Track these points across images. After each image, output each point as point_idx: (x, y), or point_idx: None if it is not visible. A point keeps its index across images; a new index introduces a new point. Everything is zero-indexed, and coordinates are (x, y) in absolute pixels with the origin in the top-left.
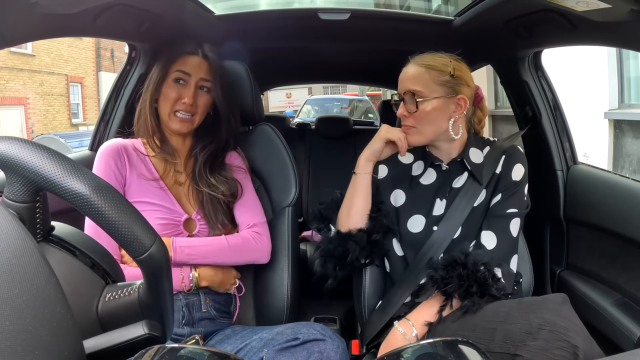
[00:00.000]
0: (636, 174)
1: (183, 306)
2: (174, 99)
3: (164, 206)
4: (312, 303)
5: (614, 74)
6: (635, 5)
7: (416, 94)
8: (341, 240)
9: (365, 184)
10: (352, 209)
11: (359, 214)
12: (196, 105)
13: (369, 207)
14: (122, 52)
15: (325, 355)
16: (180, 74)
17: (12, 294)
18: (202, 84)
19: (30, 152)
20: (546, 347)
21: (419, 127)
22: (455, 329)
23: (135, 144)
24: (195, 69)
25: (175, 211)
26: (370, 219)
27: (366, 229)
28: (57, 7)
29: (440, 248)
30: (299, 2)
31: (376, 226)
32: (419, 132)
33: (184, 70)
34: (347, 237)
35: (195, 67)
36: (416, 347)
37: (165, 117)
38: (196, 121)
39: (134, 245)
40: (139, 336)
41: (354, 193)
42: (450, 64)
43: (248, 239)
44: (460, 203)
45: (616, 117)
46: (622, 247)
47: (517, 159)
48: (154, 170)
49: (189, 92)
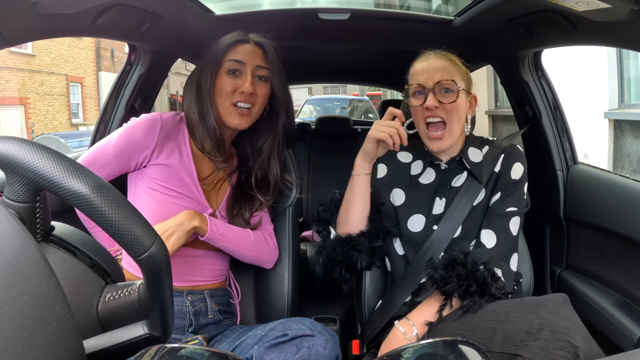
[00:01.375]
0: (636, 174)
1: (190, 314)
2: (230, 91)
3: (192, 198)
4: (312, 303)
5: (614, 74)
6: (635, 5)
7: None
8: (342, 246)
9: (363, 185)
10: (351, 211)
11: (358, 216)
12: (255, 94)
13: (368, 208)
14: (122, 52)
15: (313, 350)
16: (234, 63)
17: (12, 293)
18: (258, 73)
19: (31, 152)
20: (547, 347)
21: (450, 122)
22: (456, 329)
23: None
24: (250, 57)
25: (202, 204)
26: (370, 221)
27: (366, 232)
28: (57, 7)
29: (441, 247)
30: (301, 2)
31: (376, 229)
32: (450, 132)
33: (238, 59)
34: (347, 243)
35: (249, 54)
36: (416, 347)
37: (223, 113)
38: (255, 113)
39: (134, 245)
40: (139, 336)
41: (351, 195)
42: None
43: (268, 241)
44: (460, 202)
45: (616, 117)
46: (622, 247)
47: (517, 157)
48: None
49: (245, 80)
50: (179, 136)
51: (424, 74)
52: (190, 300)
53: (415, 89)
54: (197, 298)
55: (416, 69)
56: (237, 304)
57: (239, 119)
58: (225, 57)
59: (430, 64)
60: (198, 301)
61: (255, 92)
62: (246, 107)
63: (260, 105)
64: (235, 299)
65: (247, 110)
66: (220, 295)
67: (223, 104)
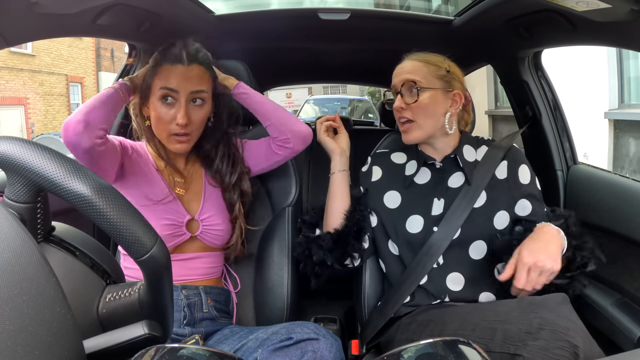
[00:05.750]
0: (636, 174)
1: (185, 306)
2: (166, 121)
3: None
4: (312, 303)
5: (614, 74)
6: (635, 5)
7: (416, 83)
8: (308, 244)
9: (338, 183)
10: (330, 209)
11: (336, 214)
12: (191, 122)
13: (346, 205)
14: (122, 52)
15: (319, 354)
16: (166, 91)
17: (13, 294)
18: (194, 97)
19: (32, 153)
20: (546, 347)
21: (418, 120)
22: (456, 329)
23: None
24: (183, 83)
25: (178, 212)
26: (345, 218)
27: (339, 230)
28: (57, 7)
29: (440, 250)
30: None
31: (348, 226)
32: (419, 127)
33: (170, 86)
34: (313, 241)
35: (182, 80)
36: (416, 347)
37: (162, 139)
38: (195, 137)
39: (135, 246)
40: (139, 336)
41: (330, 194)
42: (445, 61)
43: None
44: (460, 204)
45: (616, 117)
46: (622, 247)
47: (519, 160)
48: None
49: (180, 110)
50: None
51: (395, 76)
52: (184, 294)
53: (390, 92)
54: (192, 292)
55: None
56: (235, 295)
57: (179, 145)
58: (156, 83)
59: (401, 66)
60: (192, 295)
61: (190, 120)
62: (184, 134)
63: (200, 128)
64: (232, 292)
65: (185, 138)
66: (216, 293)
67: (160, 134)
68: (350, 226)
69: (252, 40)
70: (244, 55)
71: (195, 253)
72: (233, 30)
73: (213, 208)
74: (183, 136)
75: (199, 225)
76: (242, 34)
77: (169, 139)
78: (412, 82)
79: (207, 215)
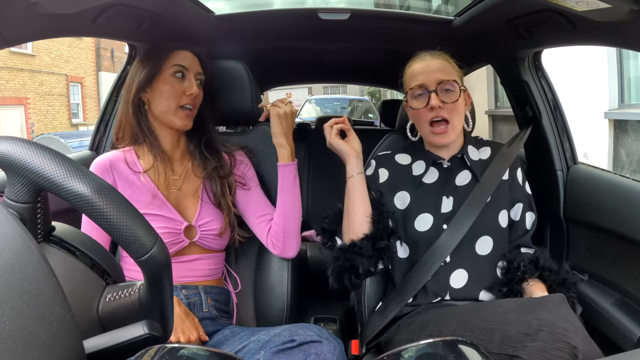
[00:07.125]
0: (636, 174)
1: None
2: (178, 94)
3: (163, 215)
4: (312, 303)
5: (614, 74)
6: (635, 5)
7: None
8: (346, 255)
9: (357, 186)
10: (351, 214)
11: (359, 218)
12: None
13: (368, 209)
14: (122, 52)
15: (322, 357)
16: (179, 67)
17: (13, 294)
18: (198, 78)
19: (32, 153)
20: (545, 348)
21: (453, 120)
22: (454, 330)
23: (128, 157)
24: (192, 63)
25: (175, 219)
26: (374, 222)
27: (369, 234)
28: (57, 7)
29: (449, 249)
30: (301, 2)
31: (379, 230)
32: (453, 127)
33: (182, 64)
34: (351, 250)
35: (191, 61)
36: (416, 347)
37: (167, 114)
38: (194, 115)
39: (135, 246)
40: (139, 336)
41: (349, 198)
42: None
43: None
44: (470, 204)
45: (616, 117)
46: (622, 247)
47: (517, 163)
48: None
49: (191, 84)
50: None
51: (422, 75)
52: (184, 294)
53: (417, 91)
54: (192, 292)
55: (414, 71)
56: (234, 295)
57: (185, 119)
58: (169, 62)
59: (428, 64)
60: (192, 295)
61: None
62: (190, 109)
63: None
64: (232, 292)
65: (190, 112)
66: (217, 293)
67: (168, 106)
68: (381, 229)
69: (252, 40)
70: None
71: (195, 255)
72: (233, 30)
73: (211, 213)
74: (189, 110)
75: (196, 231)
76: (242, 34)
77: (177, 112)
78: (454, 81)
79: (205, 221)
